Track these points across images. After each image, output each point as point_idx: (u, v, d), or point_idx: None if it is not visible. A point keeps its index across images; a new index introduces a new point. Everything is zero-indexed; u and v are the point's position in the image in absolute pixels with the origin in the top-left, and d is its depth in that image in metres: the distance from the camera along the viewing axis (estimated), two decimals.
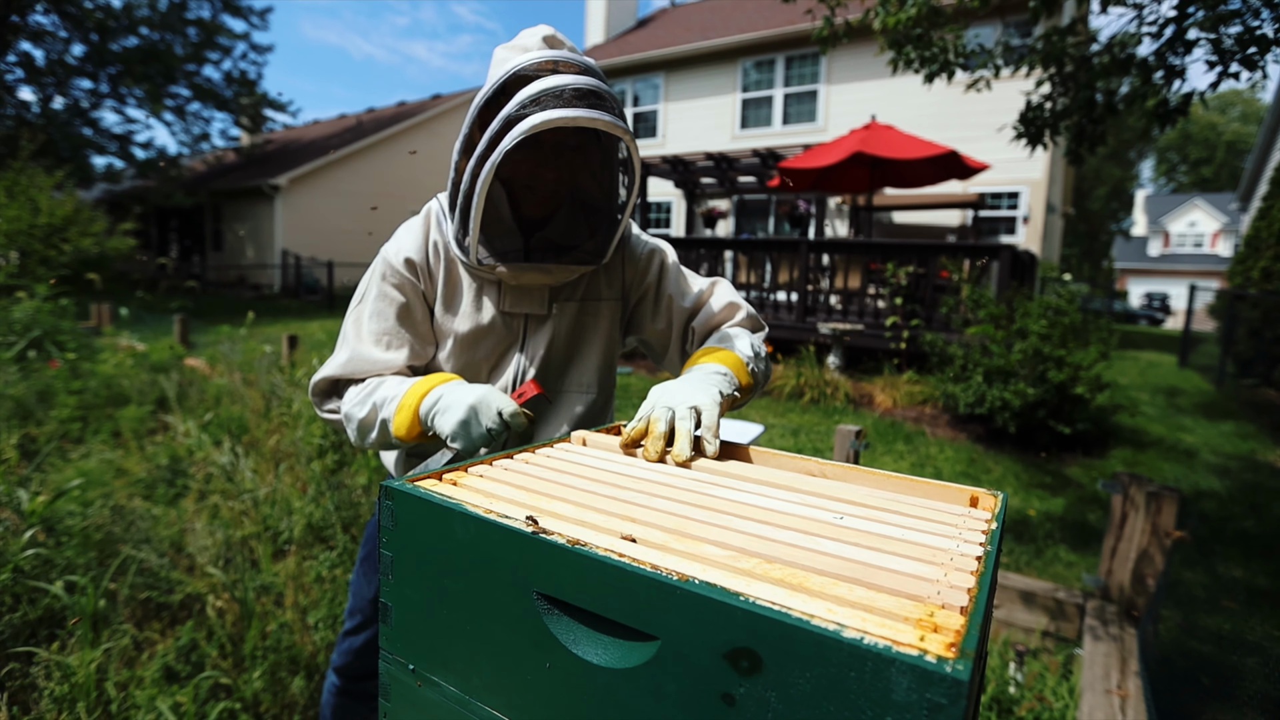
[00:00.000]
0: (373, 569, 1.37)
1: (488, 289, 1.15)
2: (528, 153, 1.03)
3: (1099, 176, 38.93)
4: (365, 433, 1.08)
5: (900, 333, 7.04)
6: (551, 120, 0.94)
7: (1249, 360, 8.81)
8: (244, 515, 2.90)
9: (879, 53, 3.84)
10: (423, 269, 1.15)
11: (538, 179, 1.08)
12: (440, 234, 1.15)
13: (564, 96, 0.96)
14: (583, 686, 0.57)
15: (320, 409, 1.17)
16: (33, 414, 4.13)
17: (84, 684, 1.78)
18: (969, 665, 0.40)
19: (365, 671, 1.42)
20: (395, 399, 1.04)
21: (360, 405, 1.08)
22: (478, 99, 1.03)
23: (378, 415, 1.05)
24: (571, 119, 0.95)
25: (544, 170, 1.07)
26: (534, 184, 1.09)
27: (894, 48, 3.71)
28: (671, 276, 1.26)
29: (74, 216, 10.42)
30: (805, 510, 0.69)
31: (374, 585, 1.36)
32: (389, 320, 1.13)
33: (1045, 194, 10.76)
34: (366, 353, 1.12)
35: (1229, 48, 2.91)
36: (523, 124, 0.94)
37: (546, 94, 0.96)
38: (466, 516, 0.63)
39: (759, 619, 0.46)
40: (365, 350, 1.13)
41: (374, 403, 1.06)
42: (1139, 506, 2.70)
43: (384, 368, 1.12)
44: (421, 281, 1.15)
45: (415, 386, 1.04)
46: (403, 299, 1.14)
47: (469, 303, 1.15)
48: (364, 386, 1.10)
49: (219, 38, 18.71)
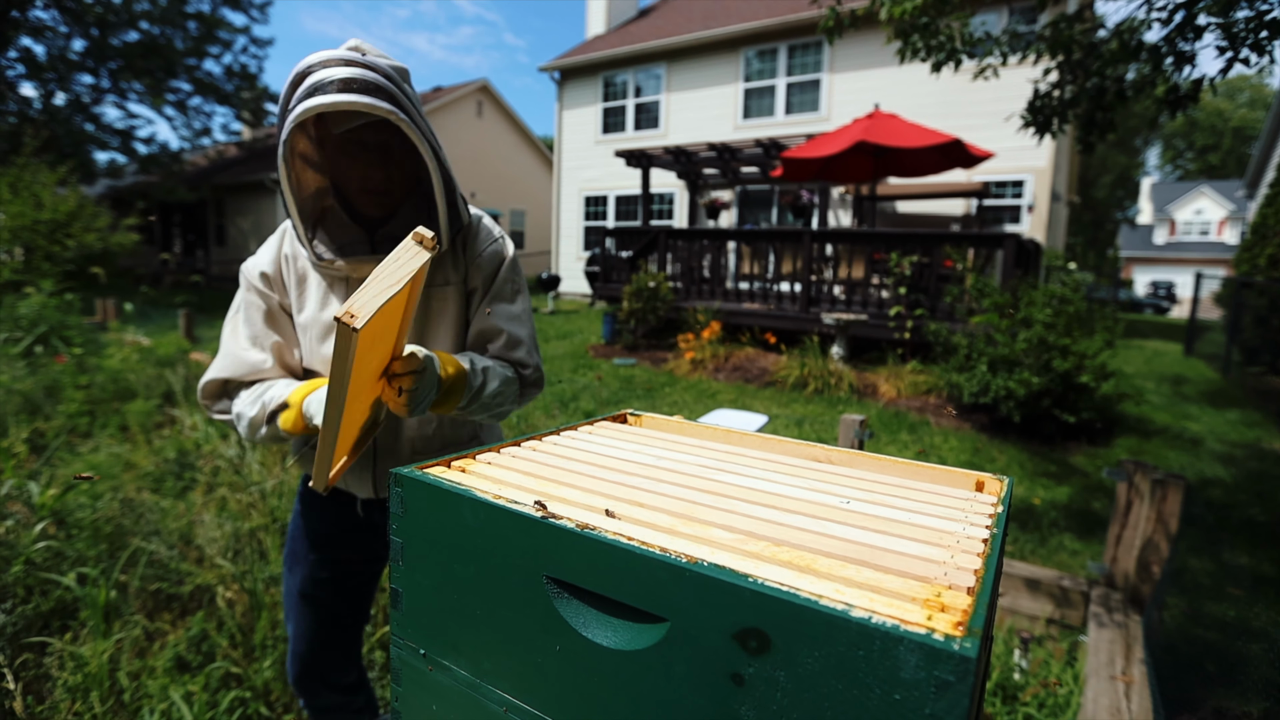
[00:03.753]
0: (295, 562, 1.40)
1: (336, 286, 1.22)
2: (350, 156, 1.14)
3: (1104, 164, 38.65)
4: (256, 428, 1.16)
5: (904, 323, 7.03)
6: (313, 106, 1.00)
7: (1255, 348, 8.77)
8: (252, 507, 2.92)
9: (886, 42, 3.81)
10: (275, 280, 1.24)
11: (368, 179, 1.16)
12: (290, 245, 1.25)
13: (330, 87, 1.01)
14: (592, 669, 0.57)
15: (210, 410, 1.25)
16: (41, 409, 4.16)
17: (97, 674, 1.80)
18: (976, 643, 0.40)
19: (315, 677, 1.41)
20: (281, 398, 1.14)
21: (251, 405, 1.17)
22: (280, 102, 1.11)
23: (263, 416, 1.15)
24: (331, 104, 1.00)
25: (372, 171, 1.15)
26: (365, 185, 1.16)
27: (900, 37, 3.68)
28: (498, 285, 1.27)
29: (78, 212, 10.44)
30: (812, 495, 0.69)
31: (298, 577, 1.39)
32: (257, 325, 1.24)
33: (1050, 182, 10.69)
34: (242, 353, 1.22)
35: (1239, 33, 2.88)
36: (290, 116, 1.03)
37: (315, 85, 1.02)
38: (475, 502, 0.64)
39: (768, 599, 0.46)
40: (240, 351, 1.22)
41: (263, 402, 1.15)
42: (1144, 494, 2.69)
43: (259, 364, 1.22)
44: (275, 292, 1.25)
45: (300, 388, 1.13)
46: (265, 305, 1.25)
47: (316, 301, 1.22)
48: (256, 389, 1.20)
49: (219, 31, 18.64)
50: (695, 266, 9.01)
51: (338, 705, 1.45)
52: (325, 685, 1.42)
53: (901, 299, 7.28)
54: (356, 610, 1.42)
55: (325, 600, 1.37)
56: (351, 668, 1.47)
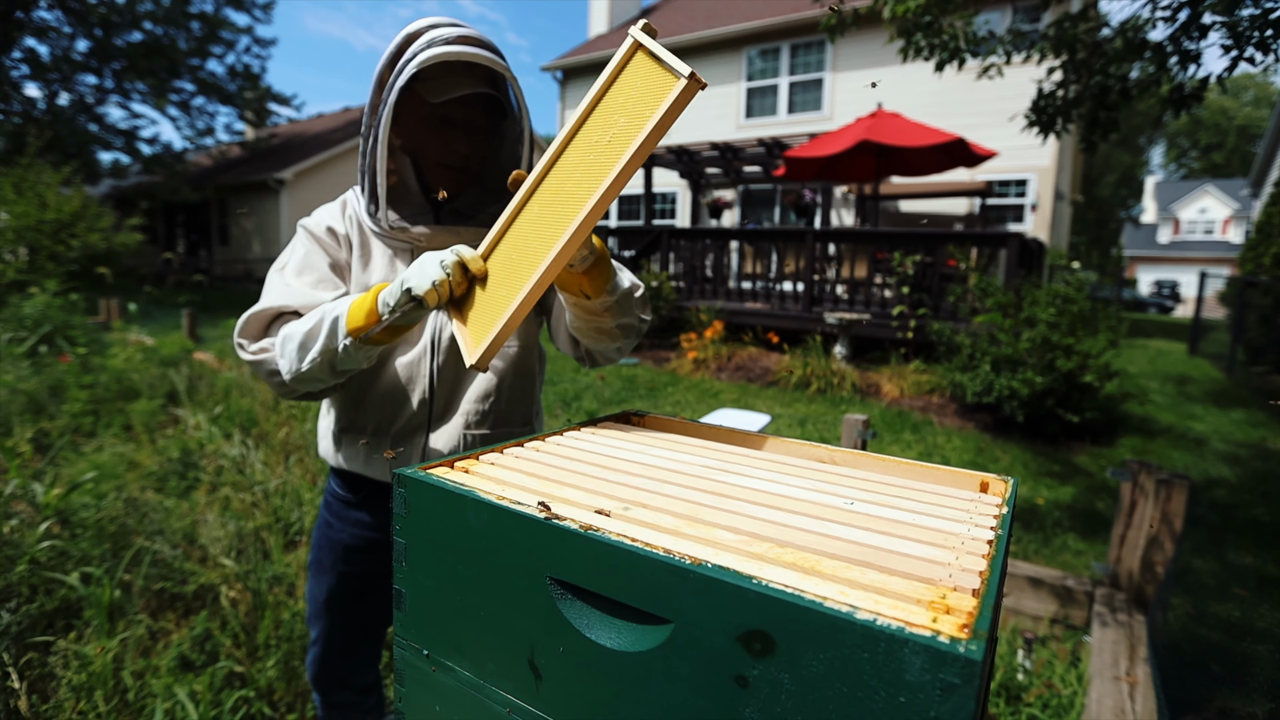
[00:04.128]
0: (321, 569, 1.36)
1: (401, 257, 1.19)
2: (436, 130, 1.13)
3: (1108, 163, 38.53)
4: (307, 345, 1.02)
5: (907, 322, 7.01)
6: (440, 54, 1.02)
7: (1260, 348, 8.74)
8: (255, 507, 2.92)
9: (888, 41, 3.80)
10: (343, 238, 1.19)
11: (450, 154, 1.15)
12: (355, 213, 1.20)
13: (452, 40, 1.05)
14: (596, 670, 0.57)
15: (246, 349, 1.12)
16: (45, 408, 4.17)
17: (101, 673, 1.80)
18: (982, 646, 0.40)
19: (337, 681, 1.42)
20: (346, 301, 1.02)
21: (304, 321, 1.04)
22: (377, 67, 1.10)
23: (325, 321, 1.01)
24: (458, 54, 1.03)
25: (456, 145, 1.14)
26: (445, 159, 1.15)
27: (903, 36, 3.67)
28: None
29: (81, 212, 10.47)
30: (816, 495, 0.69)
31: (324, 586, 1.35)
32: (322, 270, 1.17)
33: (1054, 181, 10.66)
34: (299, 290, 1.13)
35: (1244, 31, 2.87)
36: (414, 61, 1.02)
37: (437, 39, 1.05)
38: (479, 503, 0.64)
39: (772, 601, 0.46)
40: (300, 289, 1.14)
41: (322, 313, 1.03)
42: (1148, 494, 2.68)
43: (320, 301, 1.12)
44: (342, 248, 1.20)
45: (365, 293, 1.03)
46: (329, 258, 1.18)
47: (383, 268, 1.19)
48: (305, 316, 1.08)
49: (222, 32, 18.69)
50: (698, 266, 9.00)
51: (351, 703, 1.46)
52: (344, 685, 1.43)
53: (904, 298, 7.27)
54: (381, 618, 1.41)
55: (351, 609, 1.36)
56: (370, 670, 1.47)
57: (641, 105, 0.82)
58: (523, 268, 0.89)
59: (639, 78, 0.84)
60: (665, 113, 0.77)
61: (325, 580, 1.35)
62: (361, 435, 1.22)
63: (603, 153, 0.84)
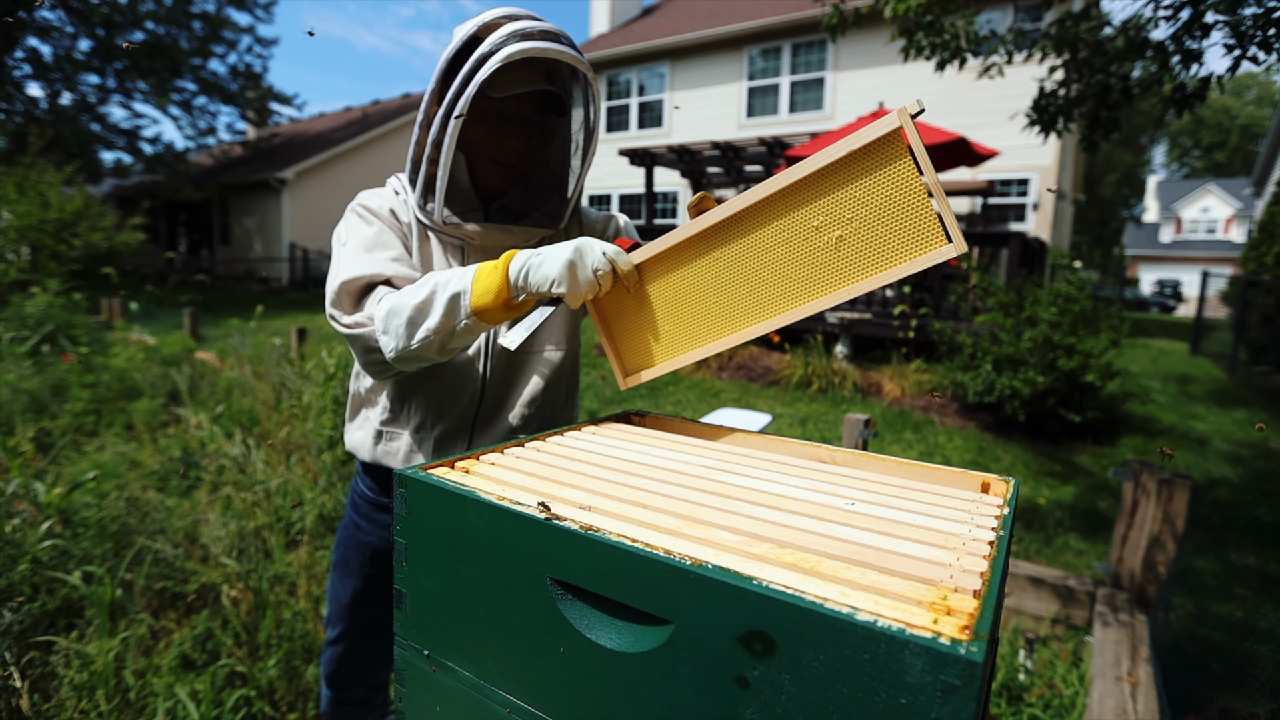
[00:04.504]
0: (347, 571, 1.34)
1: (451, 252, 1.16)
2: (493, 126, 1.08)
3: (1110, 162, 38.46)
4: (418, 320, 0.95)
5: (908, 321, 7.01)
6: (528, 49, 0.98)
7: (1262, 347, 8.72)
8: (256, 506, 2.93)
9: (890, 41, 3.80)
10: (405, 225, 1.15)
11: (505, 150, 1.11)
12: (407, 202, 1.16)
13: (533, 35, 1.00)
14: (596, 671, 0.57)
15: (341, 320, 1.05)
16: (47, 408, 4.18)
17: (103, 672, 1.80)
18: (983, 647, 0.40)
19: (352, 678, 1.41)
20: (468, 273, 0.94)
21: (412, 294, 0.96)
22: (444, 55, 1.06)
23: (440, 295, 0.94)
24: (545, 50, 0.99)
25: (512, 141, 1.10)
26: (499, 156, 1.12)
27: (905, 35, 3.66)
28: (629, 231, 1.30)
29: (83, 211, 10.48)
30: (817, 496, 0.69)
31: (349, 588, 1.34)
32: (397, 248, 1.11)
33: (1055, 180, 10.65)
34: (382, 262, 1.07)
35: (1246, 30, 2.86)
36: (500, 52, 0.98)
37: (517, 33, 1.00)
38: (480, 503, 0.64)
39: (772, 602, 0.46)
40: (379, 259, 1.07)
41: (434, 284, 0.95)
42: (1150, 494, 2.68)
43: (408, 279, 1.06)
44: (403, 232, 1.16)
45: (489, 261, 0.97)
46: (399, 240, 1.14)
47: (439, 261, 1.16)
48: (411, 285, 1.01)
49: (224, 31, 18.72)
50: None
51: (363, 699, 1.46)
52: (358, 683, 1.43)
53: (906, 298, 7.26)
54: None
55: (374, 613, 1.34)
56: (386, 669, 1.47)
57: (890, 232, 0.74)
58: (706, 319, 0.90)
59: (895, 191, 0.74)
60: (918, 268, 0.73)
61: (350, 583, 1.33)
62: (403, 433, 1.19)
63: (825, 254, 0.79)
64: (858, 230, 0.76)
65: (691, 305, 0.91)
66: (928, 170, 0.71)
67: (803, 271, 0.81)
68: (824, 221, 0.78)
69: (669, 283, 0.93)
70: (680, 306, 0.92)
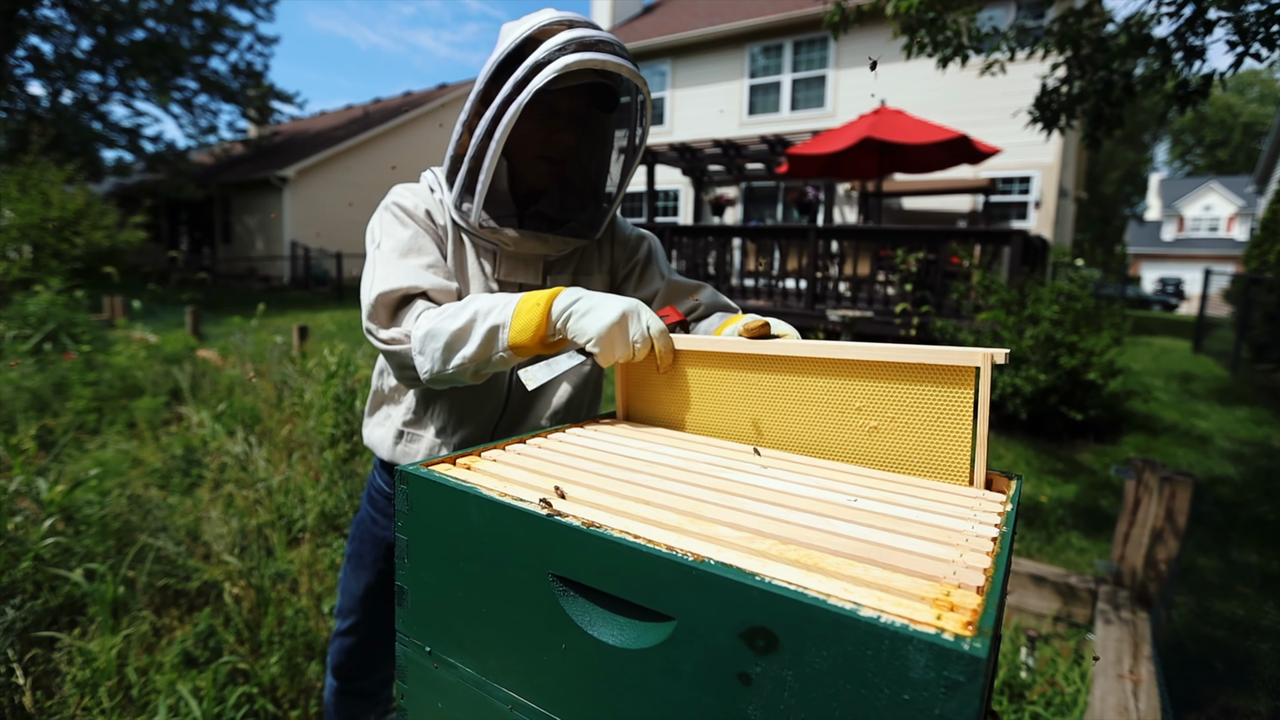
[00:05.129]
0: (361, 565, 1.34)
1: (484, 256, 1.15)
2: (543, 121, 1.05)
3: (1112, 160, 38.37)
4: (455, 347, 0.93)
5: (910, 319, 7.00)
6: (587, 61, 0.95)
7: (1264, 345, 8.70)
8: (258, 504, 2.93)
9: (892, 38, 3.79)
10: (441, 226, 1.14)
11: (553, 145, 1.09)
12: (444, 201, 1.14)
13: (590, 45, 0.98)
14: (599, 667, 0.57)
15: (378, 334, 1.02)
16: (49, 406, 4.19)
17: (105, 669, 1.81)
18: (987, 643, 0.40)
19: (361, 670, 1.42)
20: (509, 304, 0.92)
21: (451, 318, 0.94)
22: (494, 57, 1.03)
23: (480, 325, 0.92)
24: (603, 62, 0.96)
25: (561, 136, 1.08)
26: (548, 151, 1.09)
27: (906, 32, 3.65)
28: (659, 254, 1.30)
29: (85, 210, 10.48)
30: (819, 493, 0.69)
31: (363, 581, 1.34)
32: (434, 253, 1.09)
33: (1057, 178, 10.63)
34: (417, 271, 1.04)
35: (1250, 27, 2.85)
36: (557, 62, 0.95)
37: (574, 41, 0.97)
38: (481, 500, 0.64)
39: (775, 598, 0.46)
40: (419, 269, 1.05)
41: (474, 311, 0.93)
42: (1152, 491, 2.68)
43: (445, 286, 1.05)
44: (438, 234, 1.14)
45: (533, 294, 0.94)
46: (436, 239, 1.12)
47: (472, 265, 1.14)
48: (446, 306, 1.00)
49: (225, 29, 18.72)
50: (700, 263, 8.99)
51: (369, 692, 1.46)
52: (366, 675, 1.44)
53: (907, 296, 7.25)
54: None
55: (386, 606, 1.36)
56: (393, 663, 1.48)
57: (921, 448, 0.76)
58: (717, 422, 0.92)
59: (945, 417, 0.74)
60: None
61: (364, 576, 1.34)
62: (425, 434, 1.19)
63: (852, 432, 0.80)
64: (893, 429, 0.78)
65: (709, 405, 0.93)
66: (983, 417, 0.73)
67: (824, 434, 0.83)
68: (867, 406, 0.79)
69: (698, 377, 0.94)
70: (698, 400, 0.94)
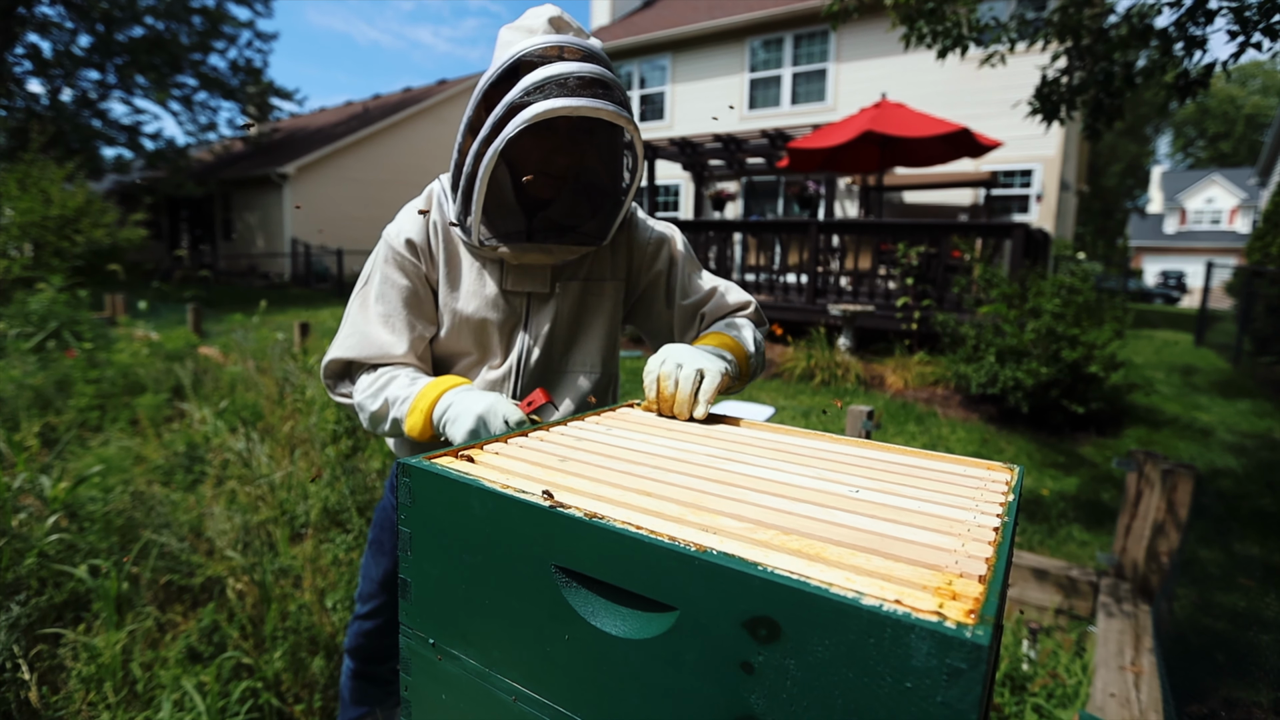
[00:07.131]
0: (381, 551, 1.38)
1: (489, 267, 1.16)
2: (539, 138, 1.04)
3: (1114, 153, 38.24)
4: (377, 423, 1.10)
5: (911, 313, 6.99)
6: (555, 109, 0.95)
7: (1267, 338, 8.68)
8: (261, 500, 2.94)
9: (891, 28, 3.78)
10: (423, 250, 1.16)
11: (550, 164, 1.09)
12: (440, 215, 1.16)
13: (568, 85, 0.97)
14: (602, 658, 0.57)
15: (333, 392, 1.18)
16: (52, 403, 4.19)
17: (110, 664, 1.81)
18: (989, 631, 0.40)
19: (379, 654, 1.43)
20: (407, 400, 1.05)
21: (373, 398, 1.09)
22: (482, 81, 1.04)
23: (389, 412, 1.07)
24: (575, 108, 0.96)
25: (557, 155, 1.08)
26: (545, 168, 1.09)
27: (906, 23, 3.64)
28: (681, 264, 1.28)
29: (85, 208, 10.48)
30: (821, 484, 0.69)
31: (382, 567, 1.37)
32: (393, 303, 1.15)
33: (1059, 171, 10.60)
34: (373, 334, 1.14)
35: (1251, 17, 2.84)
36: (526, 111, 0.96)
37: (551, 81, 0.97)
38: (484, 492, 0.64)
39: (777, 588, 0.46)
40: (371, 331, 1.14)
41: (386, 399, 1.08)
42: (1154, 484, 2.68)
43: (390, 349, 1.14)
44: (423, 263, 1.16)
45: (426, 390, 1.05)
46: (406, 282, 1.16)
47: (471, 281, 1.16)
48: (376, 377, 1.11)
49: (224, 26, 18.67)
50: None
51: (385, 678, 1.48)
52: (382, 661, 1.46)
53: (909, 289, 7.24)
54: None
55: None
56: None
57: None
58: None
59: None
60: None
61: (384, 563, 1.37)
62: None
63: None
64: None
65: None
66: None
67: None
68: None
69: None
70: None
